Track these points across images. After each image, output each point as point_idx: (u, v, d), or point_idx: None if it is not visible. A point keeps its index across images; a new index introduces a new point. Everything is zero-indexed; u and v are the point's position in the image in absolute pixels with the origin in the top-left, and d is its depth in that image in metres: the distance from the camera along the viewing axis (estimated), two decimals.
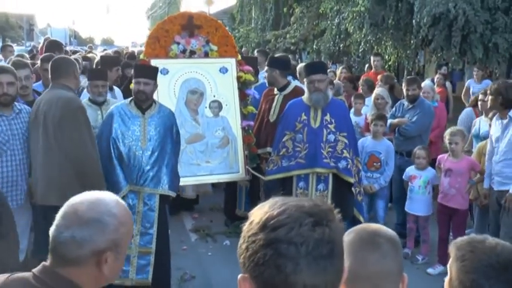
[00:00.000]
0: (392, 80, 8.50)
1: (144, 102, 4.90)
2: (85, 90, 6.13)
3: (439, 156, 6.06)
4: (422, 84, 7.49)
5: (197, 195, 7.42)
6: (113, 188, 4.79)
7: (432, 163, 6.24)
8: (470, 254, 1.67)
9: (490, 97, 5.21)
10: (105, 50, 21.31)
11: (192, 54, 6.31)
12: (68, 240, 1.68)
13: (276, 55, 7.97)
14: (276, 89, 6.36)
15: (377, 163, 6.29)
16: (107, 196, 1.83)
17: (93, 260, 1.69)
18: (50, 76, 4.70)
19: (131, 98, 5.02)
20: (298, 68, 8.48)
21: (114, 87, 6.82)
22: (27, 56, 10.86)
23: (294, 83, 6.85)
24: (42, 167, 4.40)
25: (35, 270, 1.72)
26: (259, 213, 1.23)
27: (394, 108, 6.93)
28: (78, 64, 5.53)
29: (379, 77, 8.41)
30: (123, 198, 4.83)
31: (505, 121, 5.11)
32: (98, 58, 8.75)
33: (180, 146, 5.25)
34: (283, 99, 6.13)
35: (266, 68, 6.49)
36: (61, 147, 4.33)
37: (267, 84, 6.62)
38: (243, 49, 17.85)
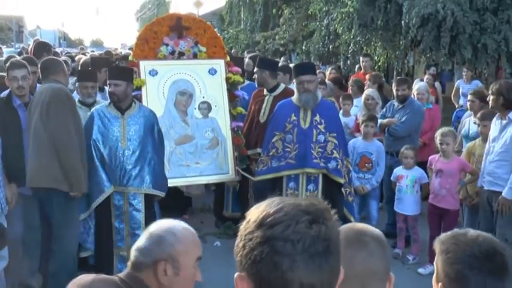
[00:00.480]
0: (381, 79, 8.51)
1: (117, 103, 4.93)
2: (75, 91, 6.09)
3: (430, 157, 6.06)
4: (417, 86, 7.51)
5: (190, 198, 7.38)
6: (96, 189, 4.80)
7: (425, 165, 6.23)
8: (454, 246, 1.73)
9: (491, 97, 5.19)
10: (92, 51, 21.22)
11: (180, 55, 6.28)
12: (136, 249, 2.12)
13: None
14: (265, 90, 6.34)
15: (368, 164, 6.30)
16: (177, 222, 2.23)
17: (152, 268, 2.08)
18: (40, 76, 4.99)
19: (110, 100, 5.06)
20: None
21: (105, 87, 6.75)
22: (17, 57, 10.77)
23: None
24: (31, 150, 4.61)
25: (120, 274, 2.13)
26: (256, 212, 1.24)
27: (384, 109, 6.94)
28: (67, 65, 5.57)
29: (367, 76, 8.41)
30: (108, 198, 4.83)
31: (504, 122, 5.10)
32: (84, 59, 8.66)
33: (163, 146, 5.26)
34: (273, 100, 6.12)
35: (255, 69, 6.46)
36: (46, 129, 4.54)
37: (256, 85, 6.59)
38: (233, 50, 17.83)
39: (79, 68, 7.94)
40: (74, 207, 4.78)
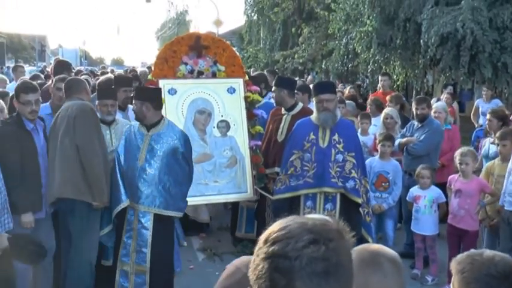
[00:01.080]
0: (402, 100, 8.49)
1: (141, 121, 4.95)
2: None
3: (449, 177, 6.01)
4: (434, 105, 7.46)
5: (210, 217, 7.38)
6: (115, 200, 4.86)
7: (443, 187, 6.18)
8: (470, 265, 1.72)
9: None
10: (112, 70, 21.52)
11: (199, 74, 6.34)
12: None
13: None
14: (283, 109, 6.36)
15: (385, 183, 6.27)
16: None
17: None
18: (64, 95, 5.15)
19: None
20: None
21: (129, 106, 6.73)
22: (41, 76, 10.98)
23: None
24: (58, 164, 4.73)
25: None
26: (268, 229, 1.26)
27: (404, 129, 6.92)
28: (88, 83, 5.69)
29: (388, 97, 8.37)
30: (124, 211, 4.86)
31: None
32: (101, 78, 8.75)
33: (188, 169, 5.08)
34: (291, 119, 6.12)
35: (274, 88, 6.49)
36: (72, 142, 4.70)
37: (274, 104, 6.62)
38: (251, 69, 17.94)
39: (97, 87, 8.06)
40: (95, 219, 4.88)
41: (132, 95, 6.31)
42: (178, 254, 5.39)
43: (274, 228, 1.24)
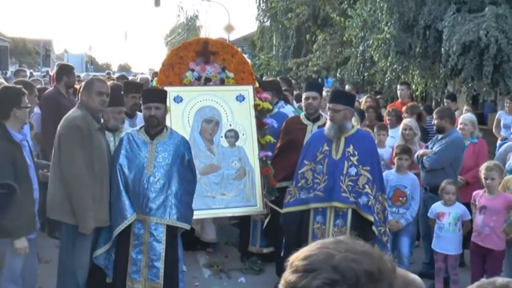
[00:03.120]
0: (419, 109, 8.42)
1: (155, 127, 4.96)
2: None
3: (474, 192, 5.92)
4: (462, 116, 7.35)
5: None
6: (119, 215, 4.80)
7: (468, 205, 6.07)
8: None
9: None
10: (123, 76, 21.67)
11: (207, 81, 6.32)
12: None
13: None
14: (305, 119, 6.27)
15: (402, 198, 6.19)
16: None
17: None
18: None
19: (142, 125, 5.10)
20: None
21: (138, 113, 6.71)
22: (41, 81, 11.04)
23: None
24: (50, 183, 4.85)
25: None
26: (299, 251, 1.21)
27: (430, 141, 6.88)
28: None
29: (404, 108, 8.32)
30: (128, 227, 4.82)
31: None
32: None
33: (195, 176, 5.22)
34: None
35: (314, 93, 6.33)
36: (58, 164, 4.75)
37: (290, 111, 6.59)
38: (265, 77, 17.93)
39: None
40: (84, 239, 4.84)
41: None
42: (181, 274, 5.33)
43: (300, 253, 1.18)
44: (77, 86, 7.67)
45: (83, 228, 4.73)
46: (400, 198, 6.20)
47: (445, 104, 9.95)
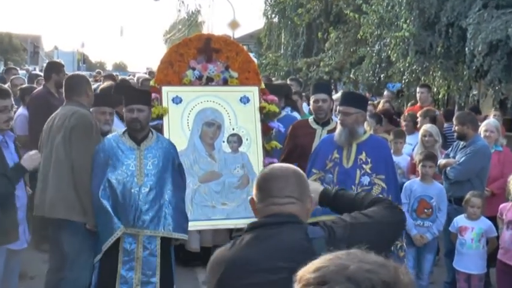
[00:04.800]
0: (433, 113, 8.43)
1: (139, 132, 4.97)
2: None
3: (501, 205, 5.91)
4: (485, 122, 7.36)
5: (213, 245, 7.29)
6: (106, 230, 4.82)
7: (493, 219, 6.06)
8: None
9: None
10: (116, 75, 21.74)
11: (209, 81, 6.35)
12: None
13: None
14: (314, 123, 6.30)
15: (428, 209, 6.17)
16: None
17: None
18: (64, 94, 5.36)
19: (125, 129, 5.11)
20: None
21: None
22: (24, 78, 11.11)
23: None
24: (53, 181, 4.91)
25: None
26: (307, 266, 1.23)
27: (450, 148, 6.88)
28: None
29: (418, 113, 8.33)
30: (117, 242, 4.82)
31: None
32: (104, 84, 8.83)
33: (185, 181, 5.26)
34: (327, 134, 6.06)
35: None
36: (69, 158, 4.87)
37: (298, 117, 6.60)
38: (274, 78, 17.94)
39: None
40: (89, 236, 4.97)
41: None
42: None
43: (309, 267, 1.20)
44: None
45: (92, 224, 4.90)
46: (426, 210, 6.17)
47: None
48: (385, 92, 12.82)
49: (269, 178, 2.41)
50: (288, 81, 10.37)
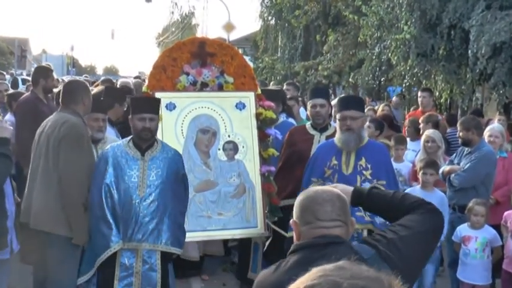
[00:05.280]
0: (436, 118, 8.46)
1: (148, 141, 4.98)
2: None
3: (505, 213, 5.93)
4: (489, 127, 7.38)
5: (204, 255, 7.31)
6: (102, 244, 4.80)
7: (498, 227, 6.08)
8: None
9: None
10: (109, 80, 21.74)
11: (203, 86, 6.35)
12: None
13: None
14: (311, 129, 6.31)
15: None
16: None
17: None
18: (60, 99, 5.28)
19: (130, 137, 5.10)
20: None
21: None
22: (7, 84, 11.10)
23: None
24: (38, 191, 4.87)
25: None
26: (300, 278, 1.24)
27: (454, 154, 6.90)
28: None
29: (420, 118, 8.36)
30: (114, 256, 4.80)
31: None
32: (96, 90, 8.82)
33: (188, 194, 5.30)
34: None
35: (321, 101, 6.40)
36: (56, 169, 4.84)
37: (294, 123, 6.60)
38: (272, 83, 17.94)
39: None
40: (76, 253, 4.94)
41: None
42: None
43: (299, 284, 1.21)
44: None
45: (78, 240, 4.87)
46: None
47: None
48: (394, 98, 12.81)
49: (315, 201, 2.47)
50: (285, 86, 10.40)
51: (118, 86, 9.85)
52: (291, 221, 2.62)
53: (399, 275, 2.38)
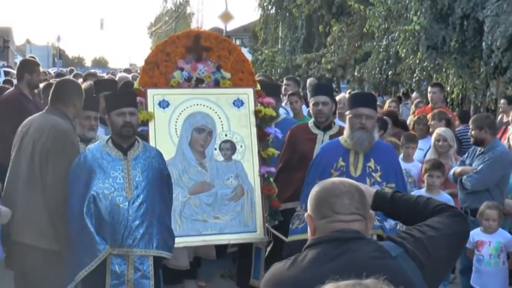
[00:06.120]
0: (447, 115, 8.46)
1: (130, 138, 4.98)
2: None
3: None
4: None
5: (199, 258, 7.30)
6: (88, 253, 4.79)
7: None
8: None
9: None
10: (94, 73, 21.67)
11: (199, 82, 6.35)
12: None
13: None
14: (314, 128, 6.33)
15: None
16: None
17: None
18: (49, 97, 5.22)
19: (108, 137, 5.11)
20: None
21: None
22: None
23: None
24: (22, 202, 4.83)
25: None
26: None
27: (466, 154, 6.91)
28: None
29: (429, 115, 8.37)
30: (103, 264, 4.81)
31: None
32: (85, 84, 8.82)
33: (171, 194, 5.30)
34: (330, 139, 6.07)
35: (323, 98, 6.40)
36: (43, 180, 4.80)
37: (295, 120, 6.61)
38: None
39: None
40: (58, 267, 4.86)
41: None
42: None
43: None
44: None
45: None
46: None
47: (500, 107, 9.90)
48: (414, 94, 12.74)
49: (332, 193, 2.45)
50: (285, 81, 10.39)
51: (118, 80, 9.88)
52: (305, 214, 2.60)
53: (426, 275, 2.41)
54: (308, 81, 14.58)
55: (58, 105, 5.08)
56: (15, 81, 10.76)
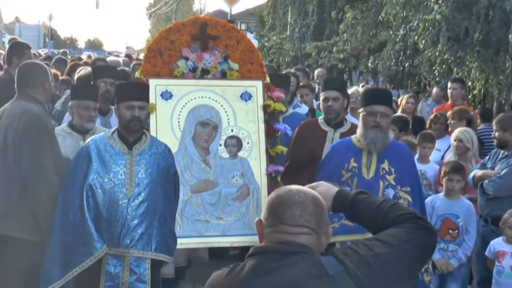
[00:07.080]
0: (468, 114, 8.42)
1: (137, 133, 5.01)
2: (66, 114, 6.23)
3: None
4: None
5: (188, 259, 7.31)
6: (82, 250, 4.84)
7: None
8: None
9: None
10: (88, 56, 21.70)
11: (204, 73, 6.35)
12: None
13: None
14: (324, 124, 6.34)
15: (453, 230, 6.22)
16: None
17: None
18: (15, 85, 5.25)
19: (114, 128, 5.13)
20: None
21: (112, 107, 6.69)
22: None
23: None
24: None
25: None
26: None
27: (488, 156, 6.90)
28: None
29: (449, 113, 8.34)
30: (98, 264, 4.85)
31: None
32: (82, 71, 8.79)
33: (178, 194, 5.34)
34: (340, 138, 6.07)
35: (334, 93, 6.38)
36: (19, 167, 4.87)
37: (306, 116, 6.61)
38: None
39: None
40: (43, 258, 4.91)
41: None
42: None
43: None
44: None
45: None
46: (451, 231, 6.22)
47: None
48: (435, 89, 12.69)
49: (284, 202, 2.47)
50: (293, 71, 10.36)
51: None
52: (256, 219, 2.63)
53: None
54: (316, 72, 14.53)
55: (26, 90, 5.13)
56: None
